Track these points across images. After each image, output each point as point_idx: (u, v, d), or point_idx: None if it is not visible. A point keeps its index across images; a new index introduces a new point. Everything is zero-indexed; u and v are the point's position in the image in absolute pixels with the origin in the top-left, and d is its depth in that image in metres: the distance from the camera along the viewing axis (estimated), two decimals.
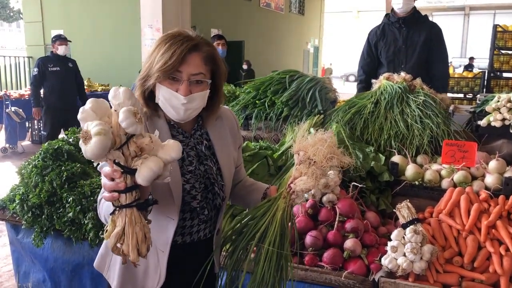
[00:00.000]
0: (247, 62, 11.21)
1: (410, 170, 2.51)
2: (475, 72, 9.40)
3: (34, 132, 8.81)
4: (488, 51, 7.81)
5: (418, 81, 3.01)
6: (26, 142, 8.63)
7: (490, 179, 2.35)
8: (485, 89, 7.95)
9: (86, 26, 11.74)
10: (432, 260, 1.86)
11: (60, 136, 3.32)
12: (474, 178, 2.44)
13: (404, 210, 1.86)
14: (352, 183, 2.31)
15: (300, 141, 1.47)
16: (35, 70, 6.26)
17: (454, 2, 32.93)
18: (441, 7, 31.55)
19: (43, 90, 6.39)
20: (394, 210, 1.95)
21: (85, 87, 7.13)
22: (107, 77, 10.67)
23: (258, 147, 2.72)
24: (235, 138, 1.64)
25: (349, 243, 2.00)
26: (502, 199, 2.16)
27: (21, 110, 7.90)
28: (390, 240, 1.88)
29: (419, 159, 2.66)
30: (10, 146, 8.04)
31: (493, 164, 2.44)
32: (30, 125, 8.69)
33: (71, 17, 11.97)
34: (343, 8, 35.09)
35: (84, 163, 2.54)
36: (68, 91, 6.36)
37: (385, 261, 1.84)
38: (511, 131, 2.72)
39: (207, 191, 1.50)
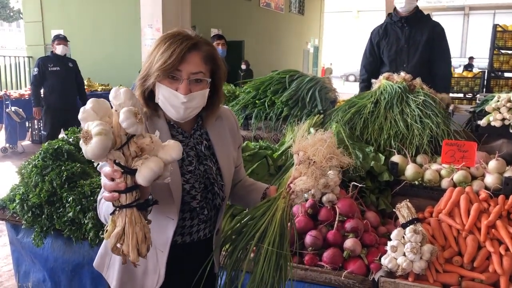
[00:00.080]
0: (246, 62, 11.19)
1: (410, 170, 2.52)
2: (475, 72, 9.40)
3: (34, 132, 8.81)
4: (488, 51, 7.81)
5: (418, 81, 3.01)
6: (26, 142, 8.63)
7: (490, 179, 2.35)
8: (485, 89, 7.95)
9: (86, 26, 11.74)
10: (432, 260, 1.86)
11: (60, 136, 3.32)
12: (474, 178, 2.44)
13: (404, 210, 1.86)
14: (352, 183, 2.31)
15: (300, 141, 1.47)
16: (35, 70, 6.25)
17: (454, 2, 32.92)
18: (441, 7, 31.54)
19: (43, 90, 6.39)
20: (394, 210, 1.95)
21: (85, 87, 7.12)
22: (107, 77, 10.67)
23: (258, 147, 2.72)
24: (235, 138, 1.64)
25: (349, 243, 2.00)
26: (502, 199, 2.16)
27: (21, 110, 7.90)
28: (390, 240, 1.88)
29: (419, 159, 2.66)
30: (10, 146, 8.03)
31: (493, 164, 2.44)
32: (30, 125, 8.69)
33: (71, 17, 11.98)
34: (343, 8, 35.10)
35: (84, 163, 2.54)
36: (68, 91, 6.35)
37: (385, 261, 1.84)
38: (511, 131, 2.72)
39: (207, 191, 1.50)
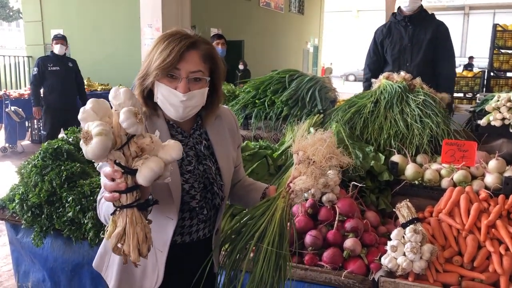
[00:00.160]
0: (243, 62, 11.15)
1: (410, 170, 2.52)
2: (475, 72, 9.41)
3: (34, 132, 8.80)
4: (488, 50, 7.81)
5: (418, 81, 3.01)
6: (26, 142, 8.63)
7: (490, 179, 2.35)
8: (485, 89, 7.96)
9: (86, 26, 11.73)
10: (432, 260, 1.86)
11: (60, 136, 3.32)
12: (474, 178, 2.44)
13: (404, 210, 1.86)
14: (352, 183, 2.31)
15: (300, 141, 1.47)
16: (35, 70, 6.24)
17: (454, 2, 32.97)
18: (441, 7, 31.56)
19: (43, 90, 6.38)
20: (394, 210, 1.95)
21: (85, 87, 7.11)
22: (107, 77, 10.66)
23: (258, 147, 2.72)
24: (234, 138, 1.64)
25: (349, 243, 2.00)
26: (502, 199, 2.16)
27: (21, 110, 7.89)
28: (390, 240, 1.88)
29: (419, 159, 2.66)
30: (10, 146, 8.03)
31: (493, 164, 2.44)
32: (30, 125, 8.68)
33: (71, 17, 11.97)
34: (343, 8, 35.12)
35: (84, 163, 2.54)
36: (68, 91, 6.35)
37: (385, 261, 1.84)
38: (511, 131, 2.72)
39: (206, 191, 1.50)
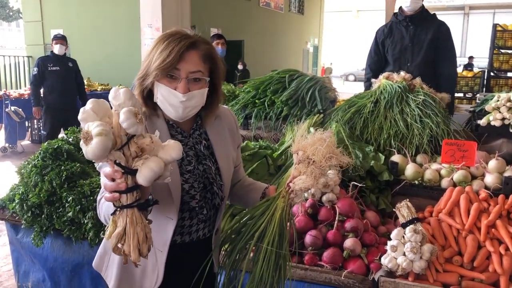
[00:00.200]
0: (242, 62, 11.13)
1: (410, 170, 2.52)
2: (475, 72, 9.41)
3: (34, 132, 8.80)
4: (488, 50, 7.82)
5: (418, 80, 3.01)
6: (26, 142, 8.63)
7: (490, 179, 2.35)
8: (485, 89, 7.97)
9: (86, 26, 11.73)
10: (432, 260, 1.86)
11: (60, 136, 3.32)
12: (474, 178, 2.44)
13: (404, 210, 1.86)
14: (352, 183, 2.31)
15: (299, 141, 1.47)
16: (35, 70, 6.24)
17: (454, 2, 32.98)
18: (441, 7, 31.56)
19: (43, 90, 6.38)
20: (394, 210, 1.95)
21: (85, 87, 7.11)
22: (107, 77, 10.66)
23: (258, 147, 2.72)
24: (234, 138, 1.64)
25: (349, 243, 2.00)
26: (502, 199, 2.16)
27: (21, 110, 7.89)
28: (390, 240, 1.88)
29: (419, 159, 2.66)
30: (10, 146, 8.03)
31: (493, 164, 2.44)
32: (30, 125, 8.68)
33: (71, 17, 11.97)
34: (343, 8, 35.12)
35: (84, 163, 2.54)
36: (68, 91, 6.35)
37: (385, 261, 1.84)
38: (511, 131, 2.72)
39: (206, 191, 1.50)
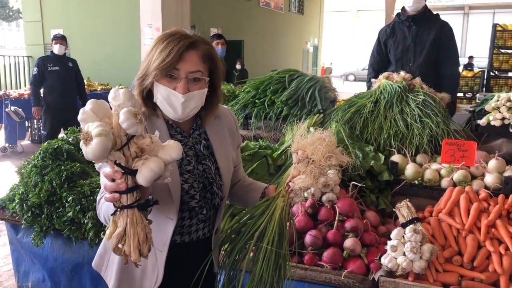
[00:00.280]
0: (241, 62, 11.09)
1: (410, 170, 2.52)
2: (475, 71, 9.43)
3: (34, 132, 8.80)
4: (488, 50, 7.82)
5: (418, 80, 3.01)
6: (26, 142, 8.63)
7: (490, 178, 2.35)
8: (485, 88, 7.98)
9: (86, 26, 11.72)
10: (432, 259, 1.86)
11: (60, 136, 3.32)
12: (474, 177, 2.44)
13: (404, 209, 1.86)
14: (352, 182, 2.31)
15: (299, 140, 1.47)
16: (35, 70, 6.24)
17: (454, 1, 32.98)
18: (441, 6, 31.55)
19: (43, 90, 6.38)
20: (394, 210, 1.95)
21: (85, 87, 7.11)
22: (107, 77, 10.65)
23: (258, 147, 2.72)
24: (234, 138, 1.64)
25: (349, 243, 2.00)
26: (502, 198, 2.16)
27: (21, 110, 7.89)
28: (390, 239, 1.88)
29: (419, 159, 2.66)
30: (10, 146, 8.03)
31: (493, 163, 2.44)
32: (30, 125, 8.68)
33: (71, 17, 11.96)
34: (343, 7, 35.11)
35: (84, 163, 2.54)
36: (68, 91, 6.35)
37: (385, 260, 1.84)
38: (511, 130, 2.72)
39: (206, 191, 1.50)
